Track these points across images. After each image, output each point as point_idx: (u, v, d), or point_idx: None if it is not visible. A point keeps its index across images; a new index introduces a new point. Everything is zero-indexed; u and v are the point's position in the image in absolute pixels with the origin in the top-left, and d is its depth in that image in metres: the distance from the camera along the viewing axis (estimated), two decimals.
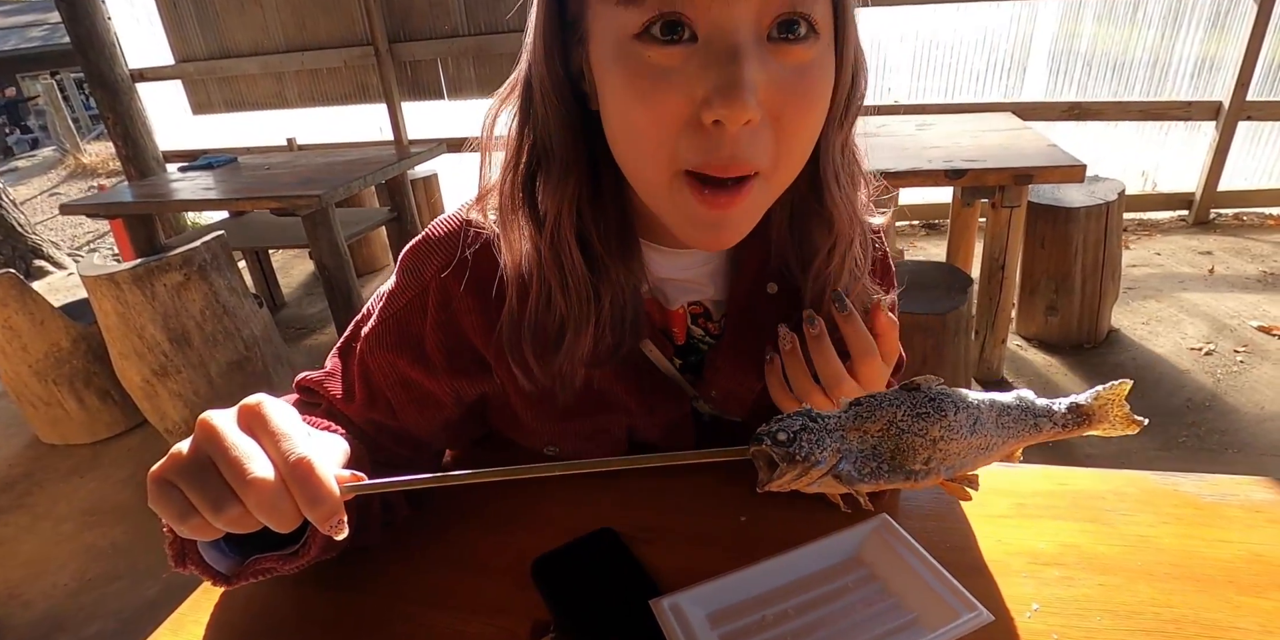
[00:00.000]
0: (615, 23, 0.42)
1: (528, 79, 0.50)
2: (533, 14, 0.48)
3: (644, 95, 0.42)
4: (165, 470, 0.40)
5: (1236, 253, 3.19)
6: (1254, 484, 0.63)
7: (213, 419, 0.41)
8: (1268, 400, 2.11)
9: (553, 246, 0.52)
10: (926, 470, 0.42)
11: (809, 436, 0.40)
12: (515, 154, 0.52)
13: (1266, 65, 3.33)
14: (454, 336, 0.60)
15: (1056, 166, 1.87)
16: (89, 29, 4.30)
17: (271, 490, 0.38)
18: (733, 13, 0.40)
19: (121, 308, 2.08)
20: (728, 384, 0.67)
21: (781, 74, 0.42)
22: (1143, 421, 0.49)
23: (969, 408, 0.43)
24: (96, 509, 2.22)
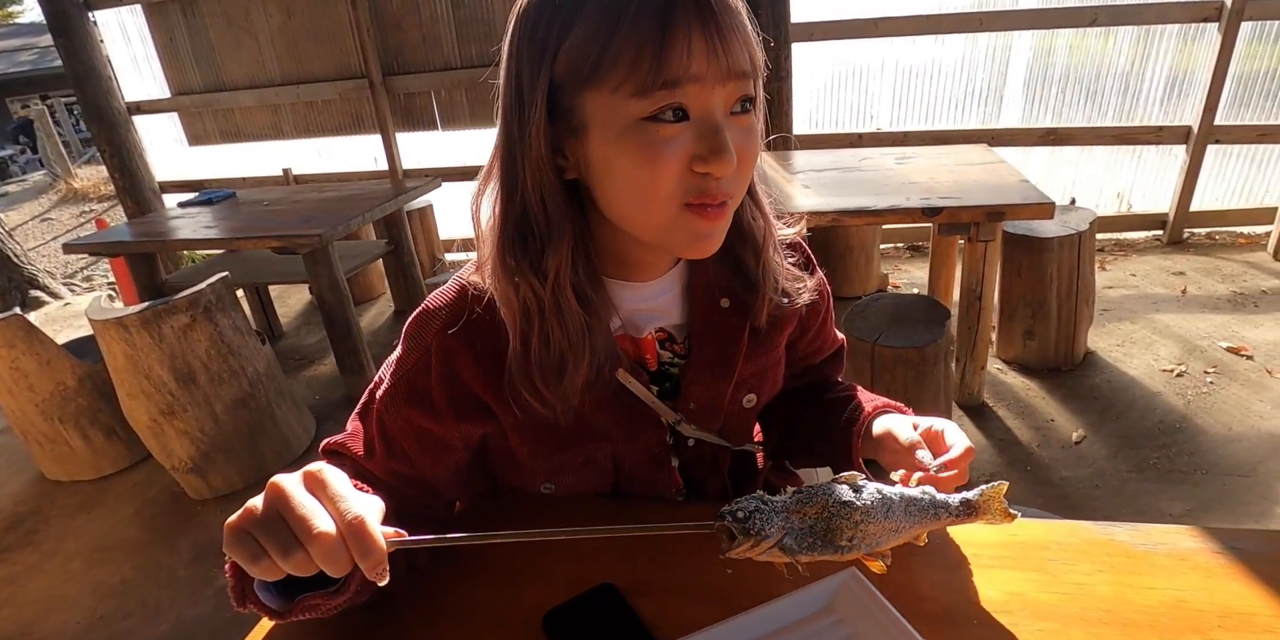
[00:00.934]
0: (623, 112, 0.56)
1: (511, 157, 0.61)
2: (513, 113, 0.60)
3: (655, 158, 0.57)
4: (242, 522, 0.49)
5: (1208, 272, 3.30)
6: (1181, 533, 0.71)
7: (282, 482, 0.50)
8: (1234, 421, 2.20)
9: (554, 295, 0.63)
10: (850, 546, 0.55)
11: (760, 516, 0.52)
12: (502, 225, 0.64)
13: (1231, 91, 3.46)
14: (456, 386, 0.70)
15: (1027, 204, 1.97)
16: (86, 64, 4.38)
17: (332, 542, 0.47)
18: (713, 100, 0.57)
19: (130, 350, 2.15)
20: (703, 394, 0.77)
21: (739, 135, 0.59)
22: (1016, 514, 0.63)
23: (884, 499, 0.57)
24: (105, 546, 2.27)
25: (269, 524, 0.48)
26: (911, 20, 3.62)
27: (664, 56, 0.53)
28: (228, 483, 2.40)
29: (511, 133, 0.60)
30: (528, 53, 0.58)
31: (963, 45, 3.69)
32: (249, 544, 0.48)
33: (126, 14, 4.54)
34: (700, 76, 0.54)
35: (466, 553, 0.76)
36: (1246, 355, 2.54)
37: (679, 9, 0.53)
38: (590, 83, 0.55)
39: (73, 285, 5.70)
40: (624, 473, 0.79)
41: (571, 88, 0.57)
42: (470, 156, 4.40)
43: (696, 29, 0.53)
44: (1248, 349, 2.57)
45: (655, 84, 0.54)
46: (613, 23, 0.53)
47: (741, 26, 0.57)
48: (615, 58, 0.53)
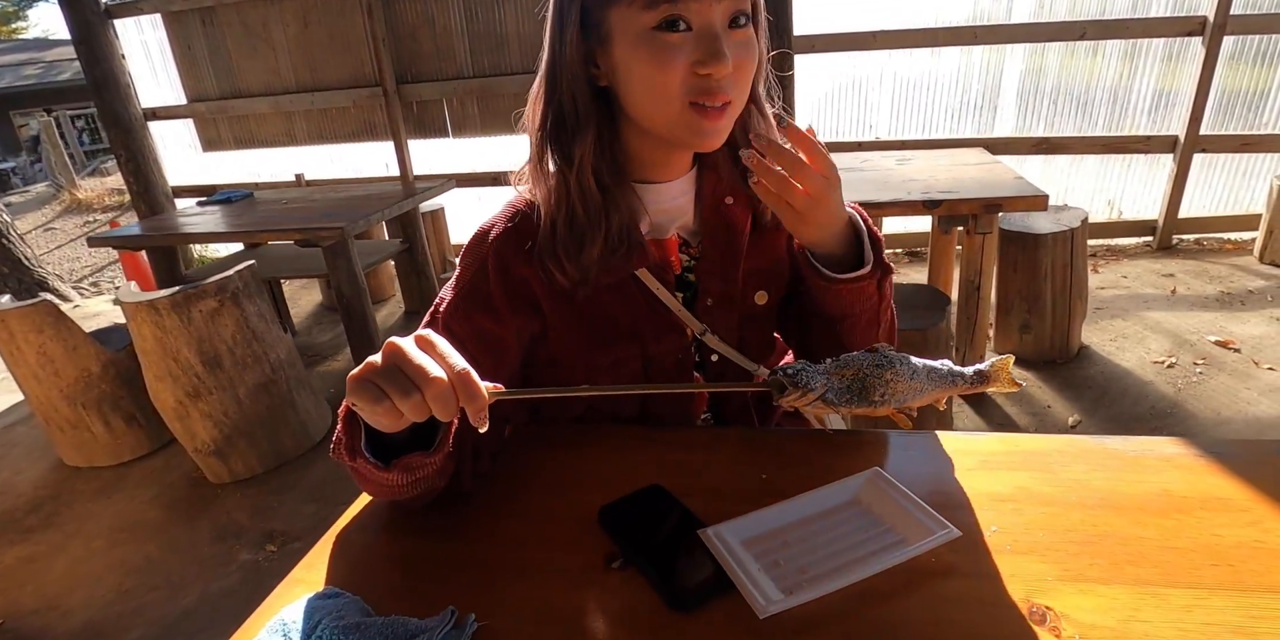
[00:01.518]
0: (638, 22, 0.68)
1: (552, 68, 0.74)
2: (552, 24, 0.73)
3: (664, 61, 0.68)
4: (364, 372, 0.56)
5: (1196, 275, 3.41)
6: (1166, 442, 0.79)
7: (398, 341, 0.57)
8: (1223, 406, 2.29)
9: (578, 178, 0.75)
10: (881, 401, 0.67)
11: (807, 374, 0.65)
12: (543, 120, 0.77)
13: (1215, 102, 3.60)
14: (512, 284, 0.81)
15: (1022, 196, 2.07)
16: (105, 70, 4.50)
17: (445, 386, 0.54)
18: (711, 14, 0.68)
19: (159, 333, 2.22)
20: (716, 287, 0.86)
21: (737, 45, 0.70)
22: (1022, 384, 0.77)
23: (909, 364, 0.69)
24: (127, 526, 2.32)
25: (390, 372, 0.55)
26: (909, 34, 3.76)
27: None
28: (248, 467, 2.46)
29: (554, 48, 0.73)
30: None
31: (958, 58, 3.83)
32: (371, 389, 0.55)
33: (146, 22, 4.67)
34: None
35: (524, 461, 0.84)
36: (1234, 348, 2.64)
37: None
38: (613, 1, 0.68)
39: (81, 289, 5.77)
40: (652, 376, 0.88)
41: (598, 5, 0.70)
42: (480, 163, 4.52)
43: None
44: (1235, 343, 2.67)
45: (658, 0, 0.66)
46: None
47: None
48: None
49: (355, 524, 0.77)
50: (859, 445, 0.84)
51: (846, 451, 0.82)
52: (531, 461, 0.84)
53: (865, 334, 0.85)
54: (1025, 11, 3.67)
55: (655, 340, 0.85)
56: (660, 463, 0.82)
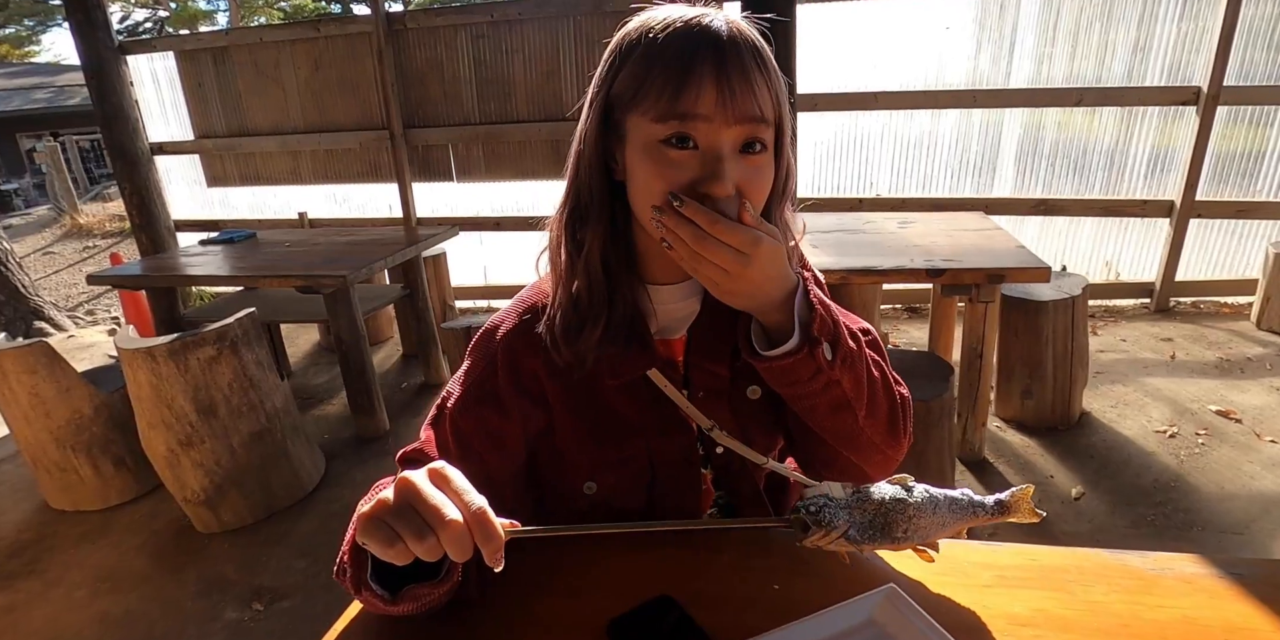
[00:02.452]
0: (647, 131, 0.69)
1: (577, 156, 0.76)
2: (586, 116, 0.75)
3: (664, 174, 0.68)
4: (376, 511, 0.55)
5: (1195, 339, 3.43)
6: (1186, 560, 0.78)
7: (412, 477, 0.57)
8: (1226, 480, 2.28)
9: (585, 264, 0.76)
10: (905, 537, 0.66)
11: (829, 511, 0.65)
12: (562, 205, 0.78)
13: (1211, 168, 3.66)
14: (520, 379, 0.81)
15: (1026, 268, 2.09)
16: (115, 105, 4.55)
17: (461, 528, 0.54)
18: (720, 137, 0.68)
19: (155, 380, 2.20)
20: (705, 379, 0.85)
21: (745, 171, 0.69)
22: (1042, 514, 0.76)
23: (931, 498, 0.69)
24: (110, 576, 2.26)
25: (403, 513, 0.55)
26: (910, 95, 3.84)
27: (679, 95, 0.66)
28: (237, 517, 2.42)
29: (581, 136, 0.75)
30: (599, 74, 0.73)
31: (958, 119, 3.91)
32: (384, 530, 0.54)
33: (158, 58, 4.74)
34: (708, 116, 0.66)
35: (533, 565, 0.82)
36: (1235, 419, 2.63)
37: (698, 61, 0.66)
38: (630, 104, 0.69)
39: (76, 318, 5.74)
40: (658, 470, 0.87)
41: (620, 106, 0.71)
42: (483, 208, 4.56)
43: (709, 78, 0.66)
44: (1236, 413, 2.66)
45: (669, 114, 0.66)
46: (652, 62, 0.68)
47: (756, 80, 0.67)
48: (648, 89, 0.67)
49: (355, 627, 0.75)
50: (872, 556, 0.82)
51: (857, 559, 0.81)
52: (538, 564, 0.82)
53: (837, 421, 0.78)
54: (1023, 76, 3.75)
55: (661, 436, 0.85)
56: (669, 567, 0.80)
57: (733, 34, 0.68)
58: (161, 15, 19.05)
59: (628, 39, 0.71)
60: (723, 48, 0.67)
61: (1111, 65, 3.67)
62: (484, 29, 4.11)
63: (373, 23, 4.15)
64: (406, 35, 4.22)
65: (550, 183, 4.25)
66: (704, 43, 0.67)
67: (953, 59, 3.81)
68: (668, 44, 0.67)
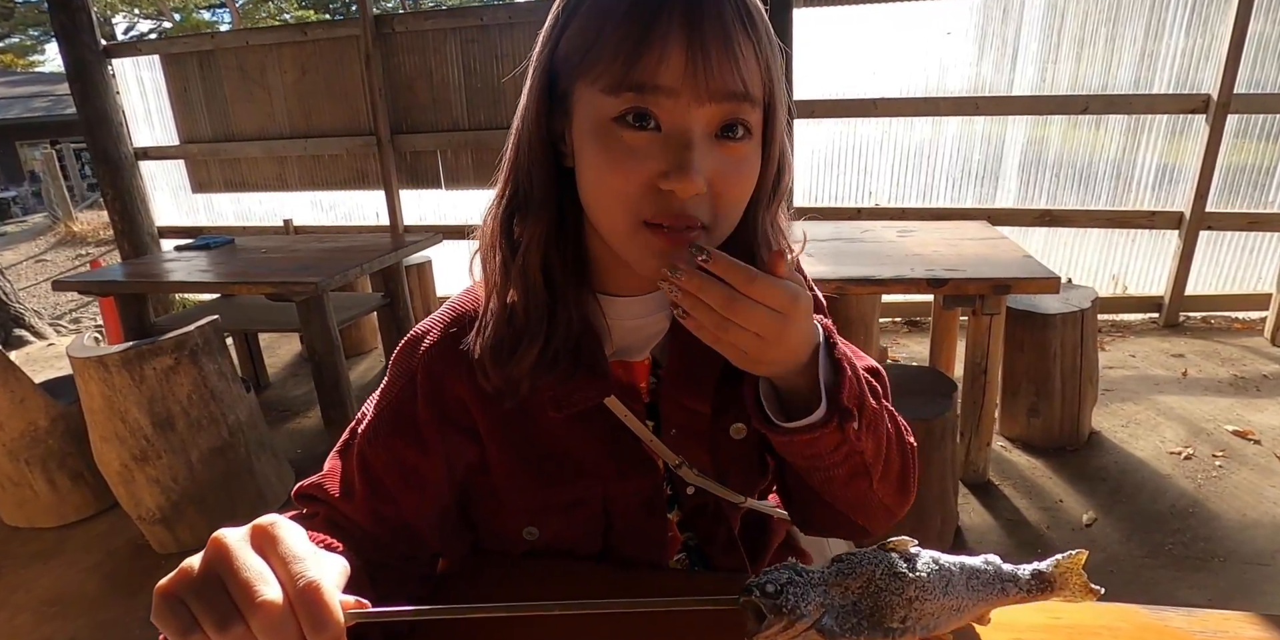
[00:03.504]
0: (597, 106, 0.54)
1: (518, 136, 0.61)
2: (527, 85, 0.60)
3: (616, 164, 0.54)
4: (174, 585, 0.41)
5: (1207, 356, 3.30)
6: (1241, 621, 0.65)
7: (225, 538, 0.42)
8: (1248, 506, 2.14)
9: (522, 269, 0.62)
10: (903, 628, 0.46)
11: (795, 590, 0.43)
12: (500, 195, 0.64)
13: (1221, 180, 3.55)
14: (443, 408, 0.66)
15: (1033, 278, 1.96)
16: (98, 109, 4.46)
17: (278, 614, 0.39)
18: (689, 116, 0.53)
19: (108, 391, 2.07)
20: (679, 415, 0.70)
21: (722, 162, 0.55)
22: (1099, 591, 0.54)
23: (942, 570, 0.48)
24: (57, 599, 2.12)
25: (206, 590, 0.40)
26: (910, 102, 3.74)
27: (637, 59, 0.52)
28: (196, 536, 2.27)
29: (522, 113, 0.61)
30: (542, 37, 0.59)
31: (960, 127, 3.80)
32: (181, 614, 0.40)
33: (144, 62, 4.65)
34: (673, 90, 0.52)
35: (450, 632, 0.68)
36: (1254, 439, 2.50)
37: (664, 14, 0.51)
38: (578, 69, 0.55)
39: (59, 327, 5.61)
40: (615, 517, 0.72)
41: (566, 73, 0.57)
42: (473, 215, 4.40)
43: (677, 39, 0.51)
44: (1254, 433, 2.53)
45: (623, 84, 0.52)
46: (605, 15, 0.53)
47: (740, 43, 0.53)
48: (599, 49, 0.53)
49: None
50: None
51: None
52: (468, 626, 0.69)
53: (851, 488, 0.65)
54: (1027, 83, 3.65)
55: (621, 478, 0.70)
56: (623, 619, 0.66)
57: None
58: (166, 26, 19.12)
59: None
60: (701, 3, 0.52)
61: (1118, 73, 3.57)
62: (474, 33, 4.02)
63: (360, 26, 4.06)
64: (395, 39, 4.12)
65: None
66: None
67: (954, 65, 3.70)
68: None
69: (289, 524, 0.44)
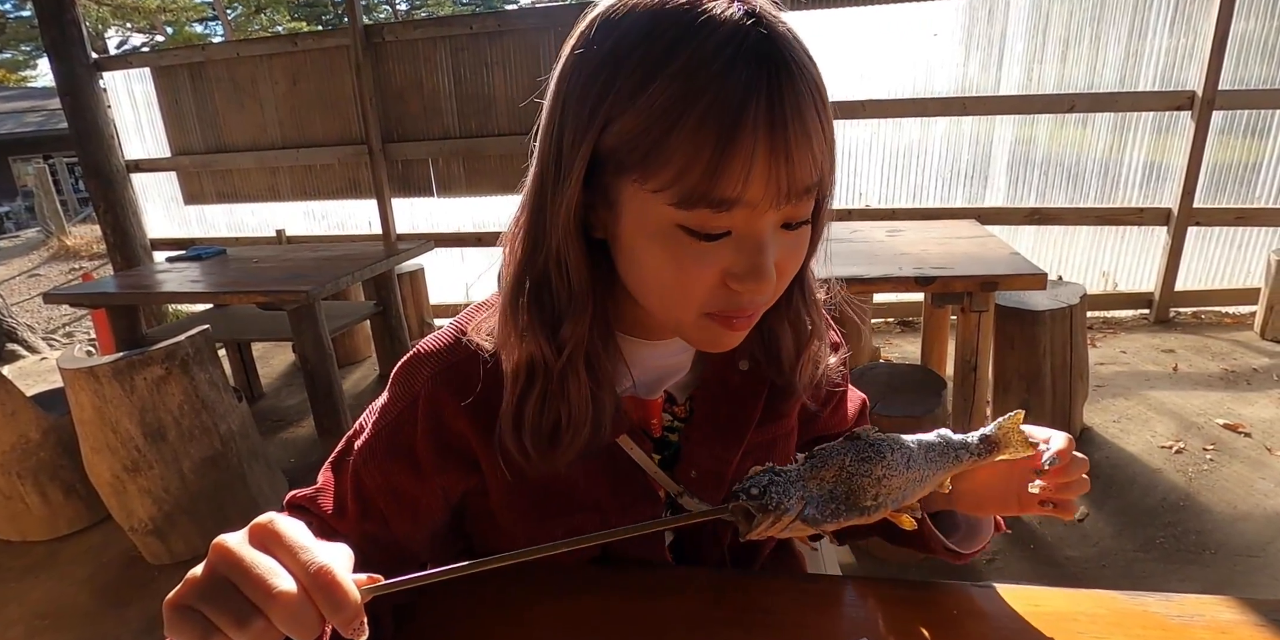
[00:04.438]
0: (659, 212, 0.50)
1: (538, 215, 0.55)
2: (549, 172, 0.54)
3: (683, 269, 0.52)
4: (183, 596, 0.41)
5: (1197, 351, 3.31)
6: (1218, 604, 0.65)
7: (227, 541, 0.42)
8: (1239, 499, 2.14)
9: (564, 367, 0.58)
10: (876, 505, 0.51)
11: (776, 488, 0.48)
12: (517, 279, 0.58)
13: (1208, 177, 3.57)
14: (443, 436, 0.64)
15: (1020, 275, 1.97)
16: (89, 122, 4.46)
17: (296, 601, 0.39)
18: (763, 221, 0.51)
19: (99, 402, 2.07)
20: (707, 461, 0.71)
21: (785, 247, 0.54)
22: (1036, 443, 0.62)
23: (902, 448, 0.54)
24: (51, 612, 2.11)
25: (218, 592, 0.40)
26: (898, 103, 3.76)
27: (718, 175, 0.47)
28: (189, 547, 2.27)
29: (545, 186, 0.54)
30: (575, 111, 0.51)
31: (948, 127, 3.82)
32: (196, 621, 0.39)
33: (135, 75, 4.66)
34: (754, 201, 0.48)
35: (448, 609, 0.69)
36: (1244, 433, 2.50)
37: (748, 123, 0.46)
38: (633, 172, 0.49)
39: (53, 341, 5.60)
40: (612, 549, 0.73)
41: (613, 168, 0.51)
42: (465, 223, 4.45)
43: (763, 149, 0.46)
44: (1245, 426, 2.54)
45: (701, 201, 0.48)
46: (674, 117, 0.46)
47: (818, 138, 0.49)
48: (665, 159, 0.47)
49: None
50: (842, 599, 0.69)
51: (828, 607, 0.68)
52: (456, 611, 0.69)
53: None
54: (1014, 83, 3.67)
55: (622, 511, 0.70)
56: (609, 616, 0.67)
57: (789, 54, 0.48)
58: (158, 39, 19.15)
59: (623, 50, 0.48)
60: (779, 89, 0.46)
61: (1104, 72, 3.59)
62: (464, 41, 4.03)
63: (350, 36, 4.07)
64: (385, 48, 4.14)
65: None
66: (752, 85, 0.46)
67: (941, 66, 3.73)
68: (694, 84, 0.46)
69: (287, 519, 0.44)
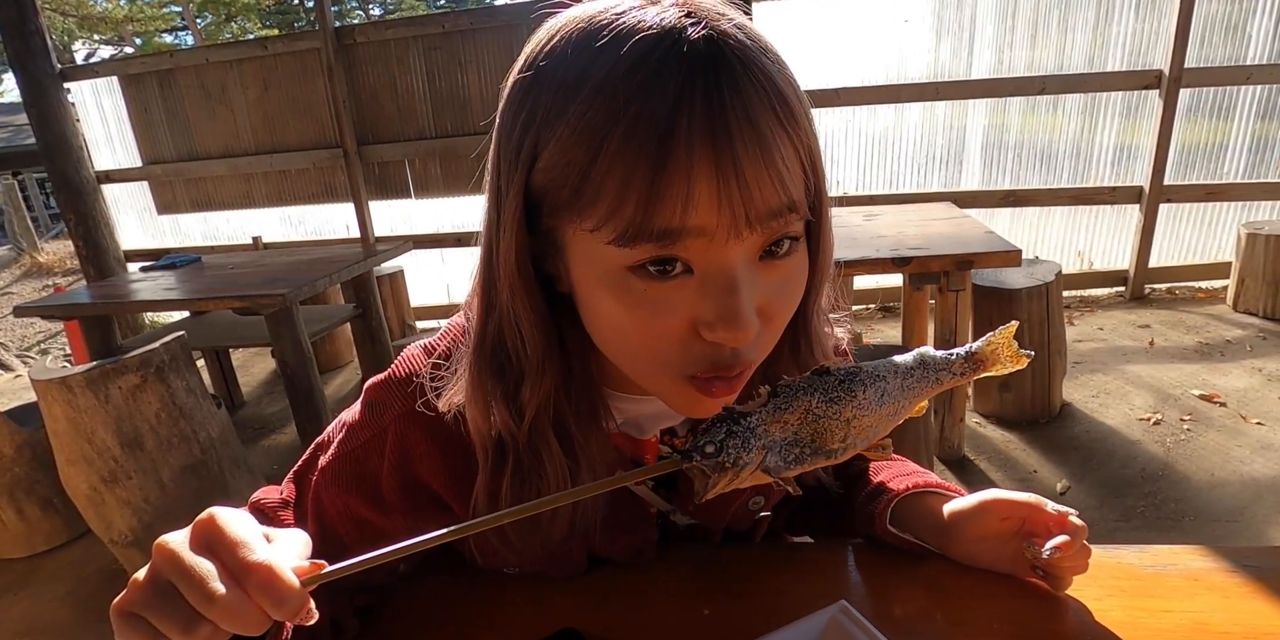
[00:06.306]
0: (602, 255, 0.43)
1: (488, 266, 0.50)
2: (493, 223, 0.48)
3: (642, 319, 0.44)
4: (127, 603, 0.39)
5: (1172, 325, 3.35)
6: (1191, 553, 0.66)
7: (168, 542, 0.40)
8: (1216, 467, 2.18)
9: (530, 438, 0.52)
10: (844, 447, 0.45)
11: (734, 441, 0.41)
12: (479, 340, 0.52)
13: (1177, 156, 3.61)
14: (411, 479, 0.60)
15: (995, 252, 1.99)
16: (57, 133, 4.39)
17: (235, 603, 0.38)
18: (727, 253, 0.42)
19: (73, 413, 2.03)
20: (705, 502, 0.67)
21: (769, 287, 0.45)
22: (1029, 354, 0.52)
23: (877, 382, 0.46)
24: (30, 630, 2.07)
25: (161, 598, 0.38)
26: (872, 90, 3.77)
27: (654, 204, 0.40)
28: None
29: (491, 237, 0.48)
30: (504, 151, 0.46)
31: (921, 113, 3.84)
32: (142, 628, 0.38)
33: (102, 86, 4.59)
34: (705, 230, 0.41)
35: (417, 602, 0.68)
36: (1219, 402, 2.54)
37: (681, 139, 0.39)
38: (565, 212, 0.44)
39: (27, 358, 5.52)
40: (602, 560, 0.70)
41: (548, 209, 0.45)
42: (443, 224, 4.43)
43: (703, 167, 0.39)
44: (1220, 396, 2.58)
45: (641, 235, 0.41)
46: (595, 144, 0.40)
47: (781, 148, 0.41)
48: (595, 190, 0.41)
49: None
50: (820, 565, 0.69)
51: (806, 573, 0.68)
52: (426, 601, 0.68)
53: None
54: (985, 67, 3.70)
55: (610, 541, 0.65)
56: (576, 593, 0.66)
57: (735, 53, 0.41)
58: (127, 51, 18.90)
59: (544, 73, 0.43)
60: (719, 94, 0.39)
61: (1072, 55, 3.63)
62: (436, 40, 4.01)
63: (321, 39, 4.03)
64: (357, 50, 4.10)
65: None
66: (683, 92, 0.39)
67: (913, 52, 3.75)
68: (614, 100, 0.40)
69: (229, 512, 0.42)
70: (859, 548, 0.71)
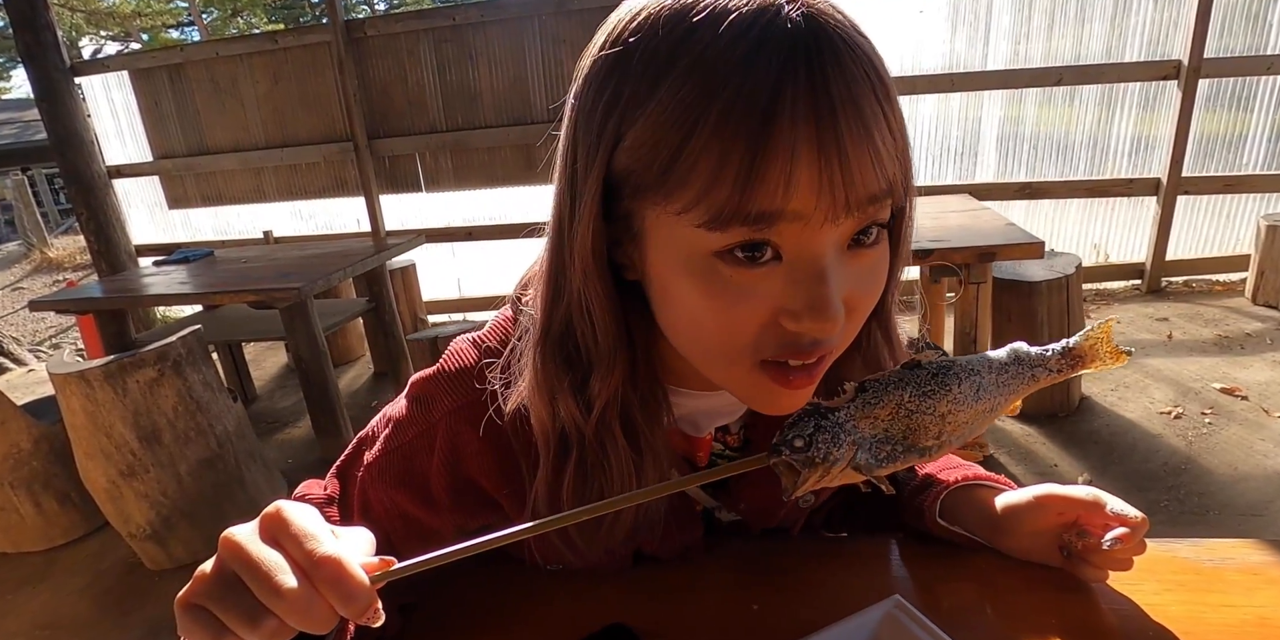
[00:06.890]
0: (689, 239, 0.42)
1: (560, 254, 0.48)
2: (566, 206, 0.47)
3: (725, 308, 0.43)
4: (192, 594, 0.39)
5: (1190, 318, 3.32)
6: (1249, 546, 0.64)
7: (235, 534, 0.40)
8: (1239, 460, 2.15)
9: (597, 430, 0.51)
10: (939, 444, 0.43)
11: (824, 436, 0.40)
12: (545, 328, 0.51)
13: (1195, 146, 3.57)
14: (461, 477, 0.59)
15: (1017, 244, 1.96)
16: (68, 128, 4.40)
17: (303, 597, 0.37)
18: (820, 240, 0.41)
19: (91, 406, 2.03)
20: (758, 497, 0.66)
21: (855, 276, 0.44)
22: (1130, 350, 0.51)
23: (971, 376, 0.44)
24: (50, 623, 2.08)
25: (226, 590, 0.38)
26: None
27: (753, 183, 0.38)
28: (189, 551, 2.24)
29: (563, 223, 0.47)
30: (584, 129, 0.44)
31: (936, 105, 3.81)
32: (206, 621, 0.38)
33: (113, 80, 4.59)
34: (802, 213, 0.39)
35: (460, 598, 0.67)
36: (1241, 396, 2.52)
37: (783, 114, 0.37)
38: (653, 195, 0.42)
39: (39, 352, 5.54)
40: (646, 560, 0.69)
41: (630, 191, 0.43)
42: (454, 218, 4.42)
43: (807, 146, 0.38)
44: (1241, 390, 2.55)
45: (735, 218, 0.39)
46: (689, 123, 0.39)
47: (882, 132, 0.40)
48: (687, 171, 0.40)
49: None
50: (864, 558, 0.68)
51: (850, 566, 0.67)
52: (472, 594, 0.68)
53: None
54: (1001, 58, 3.66)
55: (661, 539, 0.63)
56: (624, 589, 0.65)
57: (835, 31, 0.39)
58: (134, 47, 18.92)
59: (630, 52, 0.41)
60: (823, 72, 0.38)
61: (1090, 44, 3.59)
62: (446, 34, 3.99)
63: (331, 32, 4.02)
64: (367, 43, 4.09)
65: (522, 189, 4.12)
66: (786, 70, 0.38)
67: (928, 43, 3.71)
68: (712, 77, 0.38)
69: (297, 505, 0.42)
70: (901, 541, 0.70)
